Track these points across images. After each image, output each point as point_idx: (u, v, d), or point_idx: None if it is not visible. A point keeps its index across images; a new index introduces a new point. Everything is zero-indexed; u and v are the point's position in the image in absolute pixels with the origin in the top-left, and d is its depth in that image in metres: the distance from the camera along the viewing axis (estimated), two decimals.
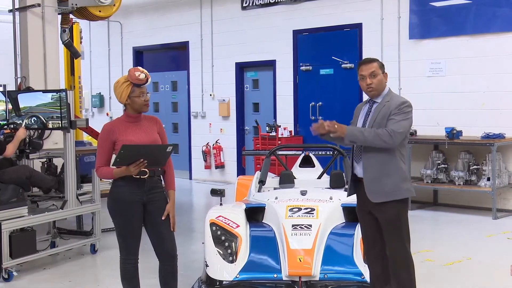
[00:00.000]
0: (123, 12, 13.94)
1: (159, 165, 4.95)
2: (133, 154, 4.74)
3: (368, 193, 4.76)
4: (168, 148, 4.82)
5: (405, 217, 4.79)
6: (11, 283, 6.60)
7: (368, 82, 4.80)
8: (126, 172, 4.81)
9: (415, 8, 10.72)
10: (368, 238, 4.94)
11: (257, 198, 6.34)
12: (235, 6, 13.48)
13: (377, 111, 4.77)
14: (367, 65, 4.81)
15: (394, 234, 4.73)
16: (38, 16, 9.22)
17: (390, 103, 4.75)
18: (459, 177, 9.92)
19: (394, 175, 4.72)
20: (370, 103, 4.89)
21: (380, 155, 4.70)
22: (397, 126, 4.64)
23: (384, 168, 4.71)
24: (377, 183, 4.72)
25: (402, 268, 4.74)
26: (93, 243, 7.78)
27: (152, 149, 4.86)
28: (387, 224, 4.74)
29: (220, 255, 5.38)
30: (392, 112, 4.69)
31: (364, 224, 4.97)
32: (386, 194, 4.71)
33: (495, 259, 7.23)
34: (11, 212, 6.78)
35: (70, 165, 7.31)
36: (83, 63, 11.63)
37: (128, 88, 4.88)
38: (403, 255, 4.74)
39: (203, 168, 14.23)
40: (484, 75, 10.12)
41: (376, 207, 4.76)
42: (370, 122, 4.78)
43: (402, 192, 4.74)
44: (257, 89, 13.53)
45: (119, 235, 5.01)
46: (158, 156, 4.86)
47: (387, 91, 4.85)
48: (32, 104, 7.42)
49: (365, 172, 4.79)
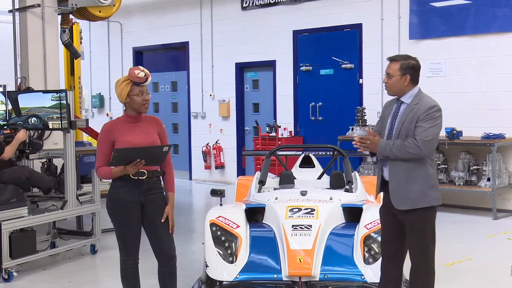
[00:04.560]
0: (123, 12, 13.94)
1: (158, 162, 4.95)
2: (126, 156, 4.74)
3: (393, 199, 4.67)
4: (164, 148, 4.81)
5: (431, 225, 4.66)
6: (11, 284, 6.60)
7: (384, 81, 4.75)
8: (124, 171, 4.81)
9: (415, 9, 10.72)
10: (386, 240, 4.87)
11: (257, 199, 6.33)
12: (235, 7, 13.48)
13: (406, 115, 4.63)
14: (389, 64, 4.73)
15: (417, 241, 4.64)
16: (38, 17, 9.23)
17: (418, 106, 4.60)
18: (459, 177, 9.93)
19: (420, 181, 4.60)
20: (398, 103, 4.75)
21: (407, 161, 4.58)
22: (426, 134, 4.52)
23: (410, 174, 4.59)
24: (402, 189, 4.61)
25: (420, 276, 4.66)
26: (93, 243, 7.79)
27: (146, 151, 4.84)
28: (411, 230, 4.64)
29: (220, 256, 5.37)
30: (420, 117, 4.56)
31: (384, 225, 4.90)
32: (411, 201, 4.59)
33: (495, 259, 7.24)
34: (11, 213, 6.79)
35: (70, 166, 7.31)
36: (83, 64, 11.63)
37: (128, 86, 4.88)
38: (423, 263, 4.64)
39: (203, 169, 14.24)
40: (484, 75, 10.12)
41: (401, 212, 4.66)
42: (398, 126, 4.66)
43: (428, 200, 4.61)
44: (257, 89, 13.54)
45: (119, 235, 5.02)
46: (154, 156, 4.86)
47: (416, 91, 4.70)
48: (32, 104, 7.42)
49: (390, 178, 4.69)
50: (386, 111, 4.88)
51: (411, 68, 4.67)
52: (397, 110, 4.73)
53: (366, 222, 5.54)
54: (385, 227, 4.90)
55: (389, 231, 4.84)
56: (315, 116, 12.32)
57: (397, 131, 4.66)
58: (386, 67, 4.75)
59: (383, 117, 4.90)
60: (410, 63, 4.68)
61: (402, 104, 4.73)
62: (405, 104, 4.70)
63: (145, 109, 4.97)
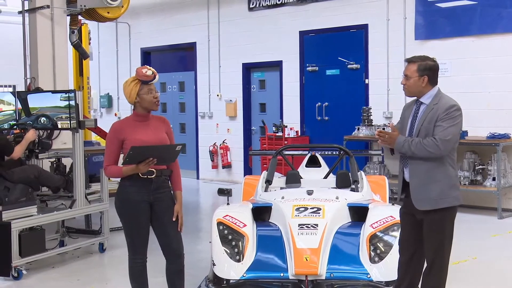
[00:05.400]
0: (131, 13, 13.99)
1: (168, 162, 5.00)
2: (142, 154, 4.78)
3: (414, 200, 4.66)
4: (178, 147, 4.86)
5: (450, 225, 4.68)
6: (20, 282, 6.67)
7: (402, 82, 4.74)
8: (136, 170, 4.85)
9: (421, 9, 10.75)
10: (404, 241, 4.88)
11: (264, 198, 6.36)
12: (242, 7, 13.53)
13: (425, 115, 4.62)
14: (406, 65, 4.72)
15: (435, 240, 4.64)
16: (47, 18, 9.29)
17: (438, 105, 4.59)
18: (465, 177, 9.94)
19: (441, 182, 4.60)
20: (417, 104, 4.74)
21: (427, 161, 4.58)
22: (445, 134, 4.51)
23: (431, 174, 4.59)
24: (424, 190, 4.61)
25: (434, 273, 4.67)
26: (101, 242, 7.85)
27: (161, 149, 4.90)
28: (430, 229, 4.64)
29: (227, 254, 5.41)
30: (439, 117, 4.55)
31: (404, 225, 4.89)
32: (432, 201, 4.58)
33: (500, 258, 7.27)
34: (21, 212, 6.85)
35: (78, 165, 7.38)
36: (92, 64, 11.69)
37: (137, 86, 4.94)
38: (439, 261, 4.66)
39: (210, 168, 14.29)
40: (489, 75, 10.14)
41: (421, 211, 4.66)
42: (417, 126, 4.66)
43: (449, 200, 4.61)
44: (264, 89, 13.58)
45: (127, 234, 5.06)
46: (167, 155, 4.92)
47: (435, 91, 4.69)
48: (42, 104, 7.49)
49: (411, 178, 4.69)
50: (406, 112, 4.87)
51: (428, 69, 4.67)
52: (417, 111, 4.73)
53: (372, 221, 5.57)
54: (404, 225, 4.90)
55: (408, 230, 4.85)
56: (321, 116, 12.36)
57: (416, 131, 4.66)
58: (404, 69, 4.75)
59: (403, 119, 4.90)
60: (428, 64, 4.67)
61: (421, 105, 4.72)
62: (424, 105, 4.70)
63: (156, 106, 5.01)
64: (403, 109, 4.97)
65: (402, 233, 4.94)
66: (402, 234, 4.94)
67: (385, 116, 11.29)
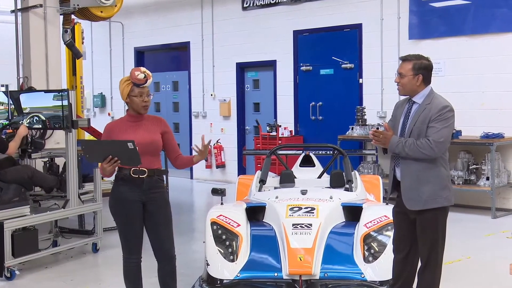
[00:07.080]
0: (124, 12, 13.95)
1: (133, 163, 4.77)
2: (94, 149, 4.77)
3: (405, 200, 4.68)
4: (129, 145, 4.61)
5: (442, 225, 4.69)
6: (13, 282, 6.65)
7: (396, 80, 4.74)
8: (102, 169, 4.79)
9: (415, 9, 10.76)
10: (399, 240, 4.89)
11: (258, 198, 6.34)
12: (235, 7, 13.52)
13: (418, 114, 4.63)
14: (401, 63, 4.72)
15: (428, 240, 4.66)
16: (40, 17, 9.27)
17: (430, 105, 4.60)
18: (458, 176, 9.96)
19: (433, 183, 4.61)
20: (410, 103, 4.75)
21: (419, 161, 4.59)
22: (438, 135, 4.52)
23: (423, 175, 4.60)
24: (415, 190, 4.62)
25: (429, 271, 4.70)
26: (95, 242, 7.83)
27: (111, 144, 4.78)
28: (423, 229, 4.66)
29: (221, 254, 5.40)
30: (432, 117, 4.55)
31: (397, 224, 4.91)
32: (423, 202, 4.60)
33: (494, 258, 7.27)
34: (14, 211, 6.83)
35: (72, 165, 7.36)
36: (85, 63, 11.64)
37: (128, 86, 4.93)
38: (433, 259, 4.68)
39: (204, 168, 14.25)
40: (483, 75, 10.16)
41: (413, 211, 4.68)
42: (410, 126, 4.66)
43: (440, 201, 4.63)
44: (258, 89, 13.57)
45: (121, 234, 5.05)
46: (125, 153, 4.68)
47: (428, 91, 4.69)
48: (34, 104, 7.47)
49: (403, 178, 4.70)
50: (397, 111, 4.87)
51: (423, 68, 4.67)
52: (409, 110, 4.73)
53: (366, 221, 5.57)
54: (397, 225, 4.92)
55: (401, 229, 4.86)
56: (315, 115, 12.36)
57: (408, 131, 4.67)
58: (399, 67, 4.75)
59: (394, 117, 4.89)
60: (423, 63, 4.68)
61: (414, 104, 4.72)
62: (417, 104, 4.70)
63: (144, 110, 4.98)
64: (394, 107, 4.97)
65: (396, 232, 4.95)
66: (396, 233, 4.95)
67: (379, 115, 11.29)
